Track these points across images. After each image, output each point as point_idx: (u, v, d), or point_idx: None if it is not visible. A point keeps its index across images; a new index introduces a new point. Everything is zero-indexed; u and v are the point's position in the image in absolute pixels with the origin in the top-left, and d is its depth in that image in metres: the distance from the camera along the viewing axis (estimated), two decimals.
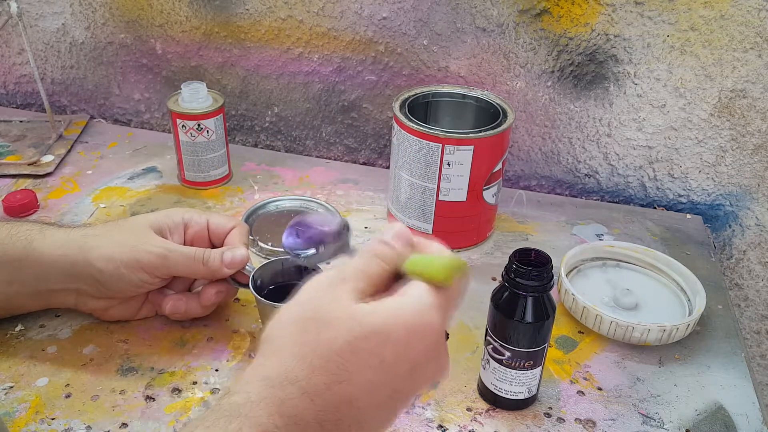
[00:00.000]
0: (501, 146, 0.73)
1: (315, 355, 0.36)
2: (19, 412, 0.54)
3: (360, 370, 0.36)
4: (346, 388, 0.36)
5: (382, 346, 0.36)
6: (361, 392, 0.36)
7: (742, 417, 0.58)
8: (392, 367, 0.37)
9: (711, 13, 0.76)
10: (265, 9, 0.89)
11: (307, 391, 0.36)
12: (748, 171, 0.84)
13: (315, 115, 0.96)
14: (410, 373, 0.38)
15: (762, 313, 0.91)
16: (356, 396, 0.36)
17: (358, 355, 0.36)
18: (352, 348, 0.36)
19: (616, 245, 0.74)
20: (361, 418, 0.37)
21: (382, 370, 0.36)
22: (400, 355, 0.37)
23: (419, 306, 0.38)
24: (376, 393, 0.37)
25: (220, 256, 0.60)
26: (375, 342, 0.36)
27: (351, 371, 0.36)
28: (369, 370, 0.36)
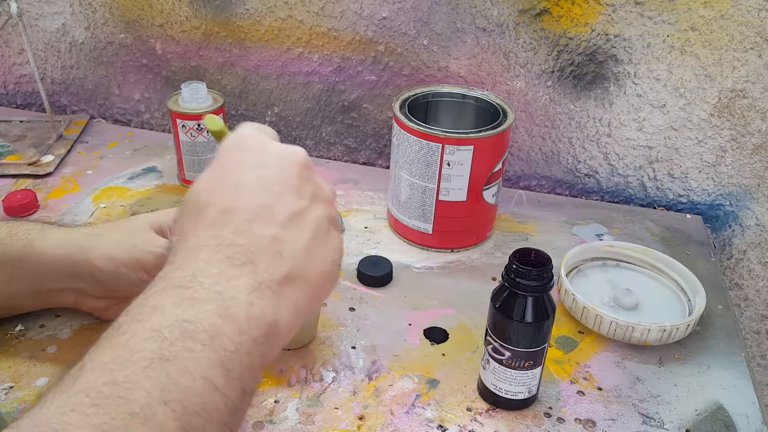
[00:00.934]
0: (501, 146, 0.73)
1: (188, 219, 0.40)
2: (19, 412, 0.54)
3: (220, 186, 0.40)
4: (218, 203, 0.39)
5: (222, 165, 0.41)
6: (230, 196, 0.39)
7: (742, 417, 0.58)
8: (233, 172, 0.40)
9: (711, 13, 0.76)
10: (265, 9, 0.89)
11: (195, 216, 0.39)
12: (748, 171, 0.84)
13: (315, 115, 0.96)
14: (249, 167, 0.40)
15: (762, 313, 0.91)
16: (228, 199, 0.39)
17: (215, 182, 0.40)
18: (209, 183, 0.40)
19: (616, 245, 0.74)
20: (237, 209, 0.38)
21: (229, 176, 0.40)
22: (232, 160, 0.41)
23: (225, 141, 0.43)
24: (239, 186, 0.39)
25: None
26: (218, 169, 0.41)
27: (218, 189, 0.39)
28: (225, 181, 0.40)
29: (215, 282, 0.36)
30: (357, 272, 0.72)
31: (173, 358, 0.32)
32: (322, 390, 0.58)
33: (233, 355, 0.34)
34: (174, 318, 0.34)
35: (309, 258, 0.39)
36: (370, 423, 0.55)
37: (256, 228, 0.38)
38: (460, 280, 0.73)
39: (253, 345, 0.35)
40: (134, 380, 0.31)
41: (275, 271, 0.37)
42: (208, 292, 0.35)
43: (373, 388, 0.58)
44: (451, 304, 0.69)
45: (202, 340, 0.33)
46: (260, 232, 0.38)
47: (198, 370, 0.32)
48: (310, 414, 0.55)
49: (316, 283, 0.40)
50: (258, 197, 0.39)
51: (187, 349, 0.33)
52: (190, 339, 0.33)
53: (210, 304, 0.35)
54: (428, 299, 0.69)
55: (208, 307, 0.35)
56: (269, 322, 0.36)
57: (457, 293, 0.70)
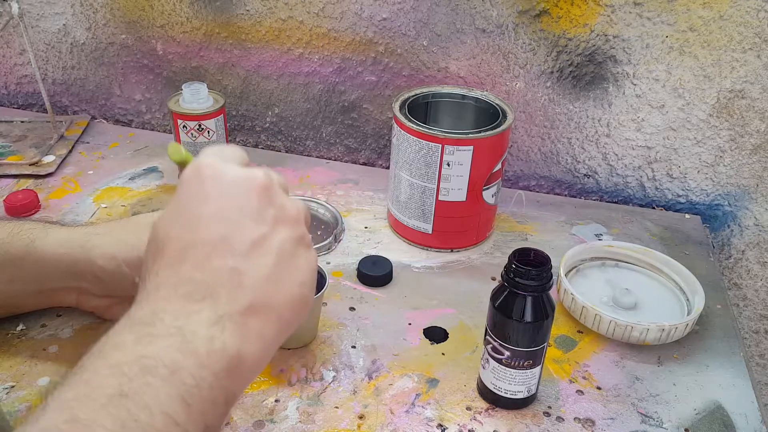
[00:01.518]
0: (500, 146, 0.73)
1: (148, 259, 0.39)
2: (20, 412, 0.54)
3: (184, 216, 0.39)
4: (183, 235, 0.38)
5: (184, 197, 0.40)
6: (197, 227, 0.38)
7: (741, 416, 0.58)
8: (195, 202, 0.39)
9: (710, 14, 0.76)
10: (266, 10, 0.89)
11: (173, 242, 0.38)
12: (746, 171, 0.84)
13: (315, 116, 0.96)
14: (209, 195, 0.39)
15: (761, 312, 0.91)
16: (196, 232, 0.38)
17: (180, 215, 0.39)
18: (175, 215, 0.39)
19: (615, 245, 0.74)
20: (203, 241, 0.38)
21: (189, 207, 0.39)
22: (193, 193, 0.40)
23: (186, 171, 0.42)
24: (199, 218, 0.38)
25: None
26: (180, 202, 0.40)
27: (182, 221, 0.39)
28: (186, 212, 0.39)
29: (175, 318, 0.35)
30: (357, 272, 0.72)
31: (133, 394, 0.32)
32: (322, 389, 0.58)
33: (194, 390, 0.34)
34: (134, 354, 0.33)
35: (273, 285, 0.38)
36: (370, 422, 0.55)
37: (214, 261, 0.37)
38: (459, 279, 0.73)
39: (215, 379, 0.35)
40: (94, 417, 0.31)
41: (236, 302, 0.37)
42: (168, 327, 0.35)
43: (373, 388, 0.59)
44: (451, 303, 0.69)
45: (162, 376, 0.33)
46: (219, 264, 0.37)
47: (158, 406, 0.32)
48: (311, 413, 0.56)
49: (283, 310, 0.39)
50: (215, 229, 0.38)
51: (146, 385, 0.32)
52: (150, 375, 0.33)
53: (169, 339, 0.34)
54: (428, 299, 0.70)
55: (167, 342, 0.34)
56: (231, 355, 0.36)
57: (457, 293, 0.71)
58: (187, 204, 0.39)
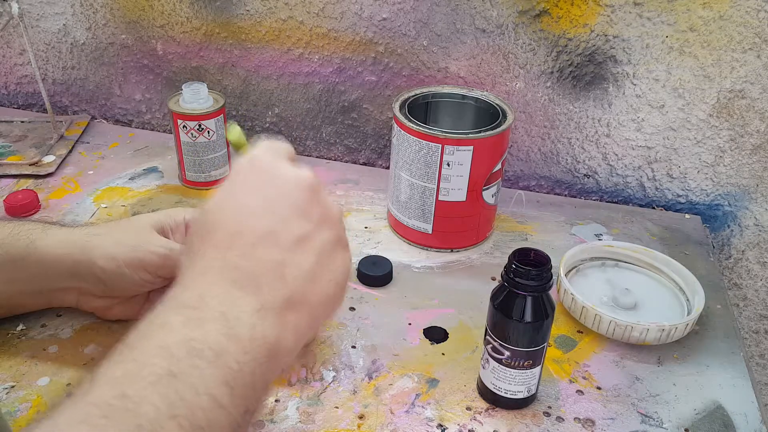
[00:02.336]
0: (500, 146, 0.73)
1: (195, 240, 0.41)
2: (20, 412, 0.54)
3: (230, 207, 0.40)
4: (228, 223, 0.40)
5: (233, 185, 0.42)
6: (242, 216, 0.40)
7: (741, 416, 0.58)
8: (247, 193, 0.41)
9: (710, 14, 0.76)
10: (266, 10, 0.89)
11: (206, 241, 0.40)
12: (746, 171, 0.84)
13: (315, 116, 0.96)
14: (264, 188, 0.41)
15: (760, 312, 0.91)
16: (238, 221, 0.40)
17: (225, 203, 0.41)
18: (220, 203, 0.41)
19: (615, 245, 0.74)
20: (247, 231, 0.39)
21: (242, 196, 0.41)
22: (246, 181, 0.41)
23: (240, 161, 0.43)
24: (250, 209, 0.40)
25: None
26: (229, 190, 0.42)
27: (226, 213, 0.40)
28: (233, 202, 0.41)
29: (220, 303, 0.37)
30: (357, 272, 0.72)
31: (180, 374, 0.33)
32: (322, 389, 0.58)
33: (237, 374, 0.35)
34: (182, 336, 0.35)
35: (312, 282, 0.40)
36: (370, 422, 0.55)
37: (260, 252, 0.39)
38: (459, 279, 0.73)
39: (256, 365, 0.36)
40: (143, 394, 0.32)
41: (278, 294, 0.38)
42: (213, 312, 0.36)
43: (373, 388, 0.59)
44: (451, 303, 0.69)
45: (207, 358, 0.34)
46: (265, 256, 0.39)
47: (204, 387, 0.33)
48: (311, 413, 0.56)
49: (318, 307, 0.41)
50: (264, 221, 0.40)
51: (193, 366, 0.34)
52: (197, 357, 0.34)
53: (215, 323, 0.36)
54: (428, 299, 0.70)
55: (213, 326, 0.36)
56: (271, 343, 0.37)
57: (457, 293, 0.71)
58: (239, 193, 0.41)
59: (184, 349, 0.34)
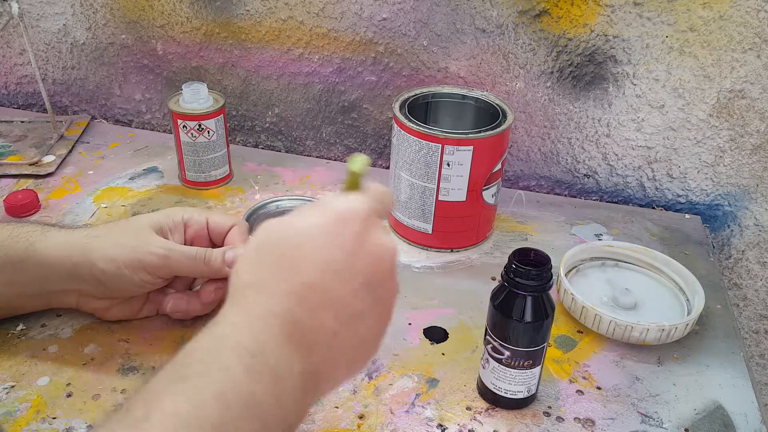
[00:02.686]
0: (500, 146, 0.73)
1: (274, 263, 0.39)
2: (20, 412, 0.54)
3: (306, 256, 0.39)
4: (300, 275, 0.39)
5: (316, 234, 0.40)
6: (316, 270, 0.39)
7: (741, 416, 0.58)
8: (331, 246, 0.40)
9: (710, 14, 0.76)
10: (266, 10, 0.89)
11: (274, 289, 0.39)
12: (746, 171, 0.84)
13: (315, 116, 0.96)
14: (349, 251, 0.40)
15: (760, 312, 0.91)
16: (312, 275, 0.39)
17: (301, 248, 0.39)
18: (295, 246, 0.39)
19: (615, 245, 0.74)
20: (327, 290, 0.39)
21: (324, 249, 0.40)
22: (333, 235, 0.40)
23: (334, 202, 0.42)
24: (327, 265, 0.39)
25: (222, 255, 0.60)
26: (310, 234, 0.40)
27: (300, 260, 0.39)
28: (313, 253, 0.39)
29: (276, 359, 0.37)
30: None
31: (229, 426, 0.34)
32: None
33: (274, 419, 0.37)
34: (241, 388, 0.36)
35: (352, 359, 0.42)
36: (370, 422, 0.55)
37: (323, 316, 0.39)
38: (459, 279, 0.73)
39: (293, 418, 0.39)
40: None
41: (323, 362, 0.39)
42: (269, 367, 0.37)
43: (373, 387, 0.59)
44: (451, 303, 0.69)
45: (257, 416, 0.36)
46: (326, 322, 0.39)
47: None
48: (311, 413, 0.56)
49: (350, 373, 0.43)
50: (339, 286, 0.40)
51: (242, 420, 0.35)
52: (248, 412, 0.35)
53: (269, 381, 0.37)
54: (428, 299, 0.70)
55: (267, 384, 0.37)
56: (309, 404, 0.40)
57: (457, 293, 0.71)
58: (333, 245, 0.40)
59: (241, 402, 0.35)
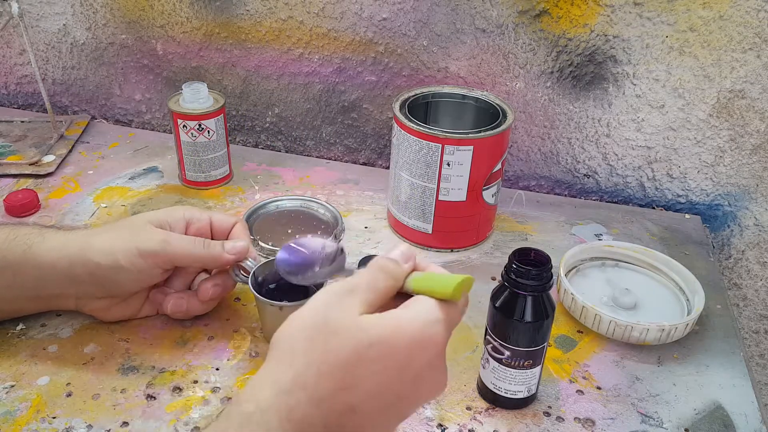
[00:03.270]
0: (500, 146, 0.73)
1: (323, 362, 0.37)
2: (20, 411, 0.54)
3: (364, 377, 0.37)
4: (350, 395, 0.37)
5: (386, 356, 0.38)
6: (364, 400, 0.37)
7: (741, 416, 0.58)
8: (395, 377, 0.38)
9: (710, 14, 0.76)
10: (266, 10, 0.89)
11: (314, 397, 0.37)
12: (746, 171, 0.84)
13: (315, 116, 0.96)
14: (413, 383, 0.39)
15: (760, 312, 0.91)
16: (360, 403, 0.37)
17: (364, 363, 0.37)
18: (358, 357, 0.37)
19: (615, 245, 0.74)
20: (364, 424, 0.38)
21: (386, 378, 0.38)
22: (403, 365, 0.38)
23: (425, 319, 0.39)
24: (379, 401, 0.38)
25: (221, 244, 0.60)
26: (380, 352, 0.38)
27: (356, 378, 0.37)
28: (373, 378, 0.37)
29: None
30: None
31: None
32: None
33: None
34: None
35: None
36: None
37: None
38: None
39: None
40: None
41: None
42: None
43: None
44: None
45: None
46: None
47: None
48: None
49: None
50: (386, 416, 0.39)
51: None
52: None
53: None
54: None
55: None
56: None
57: None
58: (384, 364, 0.38)
59: None
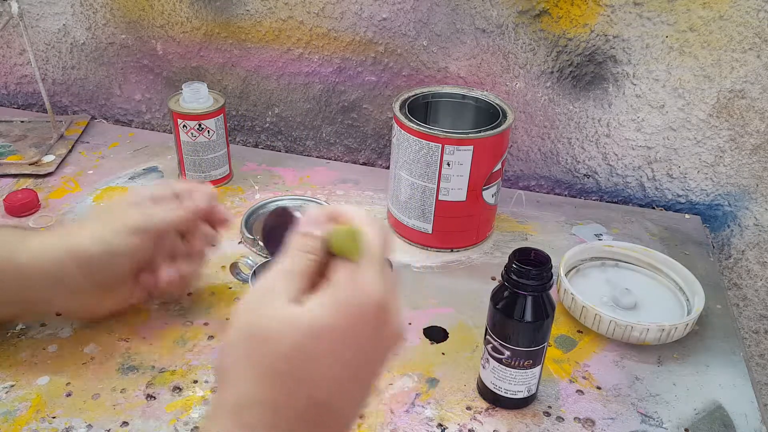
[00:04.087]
0: (500, 146, 0.73)
1: (266, 370, 0.36)
2: (20, 411, 0.54)
3: (313, 367, 0.36)
4: (307, 388, 0.36)
5: (326, 337, 0.36)
6: (322, 386, 0.37)
7: (741, 416, 0.58)
8: (343, 351, 0.37)
9: (710, 14, 0.76)
10: (266, 10, 0.89)
11: (271, 405, 0.36)
12: (746, 171, 0.84)
13: (315, 116, 0.96)
14: (366, 349, 0.38)
15: (760, 312, 0.91)
16: (319, 392, 0.37)
17: (306, 354, 0.36)
18: (298, 351, 0.36)
19: (615, 245, 0.74)
20: (333, 407, 0.37)
21: (335, 359, 0.37)
22: (346, 337, 0.37)
23: (348, 292, 0.38)
24: (338, 381, 0.37)
25: (190, 196, 0.61)
26: (318, 336, 0.36)
27: (305, 371, 0.36)
28: (322, 362, 0.36)
29: None
30: None
31: None
32: None
33: None
34: None
35: None
36: (370, 422, 0.55)
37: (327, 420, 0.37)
38: (459, 279, 0.73)
39: None
40: None
41: None
42: None
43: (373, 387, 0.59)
44: (451, 303, 0.69)
45: None
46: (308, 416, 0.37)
47: None
48: None
49: None
50: (354, 387, 0.38)
51: None
52: None
53: None
54: (428, 298, 0.70)
55: None
56: None
57: (457, 293, 0.71)
58: (338, 348, 0.37)
59: None
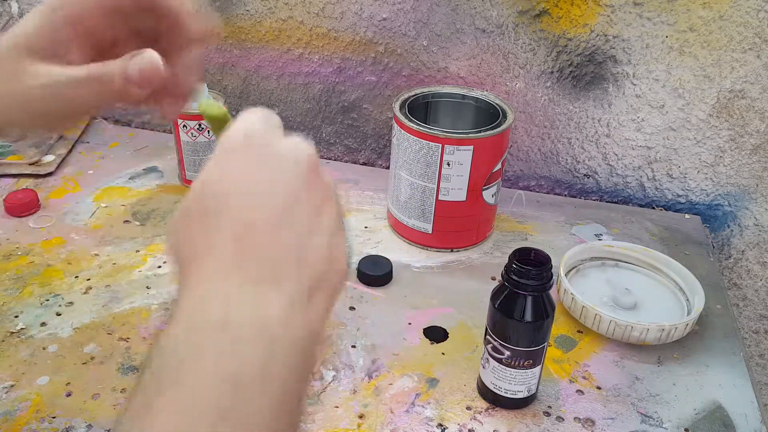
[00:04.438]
0: (500, 146, 0.73)
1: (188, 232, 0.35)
2: (20, 411, 0.54)
3: (230, 168, 0.36)
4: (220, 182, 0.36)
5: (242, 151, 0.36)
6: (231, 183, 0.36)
7: (741, 416, 0.58)
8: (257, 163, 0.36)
9: (710, 14, 0.76)
10: (266, 10, 0.89)
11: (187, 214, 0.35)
12: (746, 171, 0.84)
13: (315, 116, 0.96)
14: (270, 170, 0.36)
15: (760, 312, 0.91)
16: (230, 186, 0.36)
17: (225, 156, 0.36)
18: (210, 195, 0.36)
19: (615, 245, 0.74)
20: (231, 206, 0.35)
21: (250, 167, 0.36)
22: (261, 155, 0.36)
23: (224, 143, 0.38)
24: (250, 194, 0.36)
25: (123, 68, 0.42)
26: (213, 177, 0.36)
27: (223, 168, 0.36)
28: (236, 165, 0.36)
29: (251, 312, 0.33)
30: (357, 271, 0.72)
31: (233, 415, 0.30)
32: (322, 389, 0.58)
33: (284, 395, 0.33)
34: (221, 371, 0.31)
35: (330, 261, 0.37)
36: (370, 422, 0.55)
37: (279, 240, 0.35)
38: (459, 279, 0.73)
39: (297, 373, 0.34)
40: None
41: (303, 282, 0.35)
42: (246, 328, 0.32)
43: (373, 387, 0.59)
44: (451, 303, 0.69)
45: (255, 390, 0.31)
46: (285, 242, 0.35)
47: (258, 424, 0.31)
48: (311, 412, 0.56)
49: (336, 284, 0.38)
50: (276, 205, 0.36)
51: (244, 400, 0.31)
52: (244, 391, 0.31)
53: (253, 344, 0.32)
54: (428, 298, 0.70)
55: (252, 348, 0.32)
56: (307, 342, 0.35)
57: (457, 293, 0.71)
58: (240, 176, 0.36)
59: (229, 385, 0.30)
